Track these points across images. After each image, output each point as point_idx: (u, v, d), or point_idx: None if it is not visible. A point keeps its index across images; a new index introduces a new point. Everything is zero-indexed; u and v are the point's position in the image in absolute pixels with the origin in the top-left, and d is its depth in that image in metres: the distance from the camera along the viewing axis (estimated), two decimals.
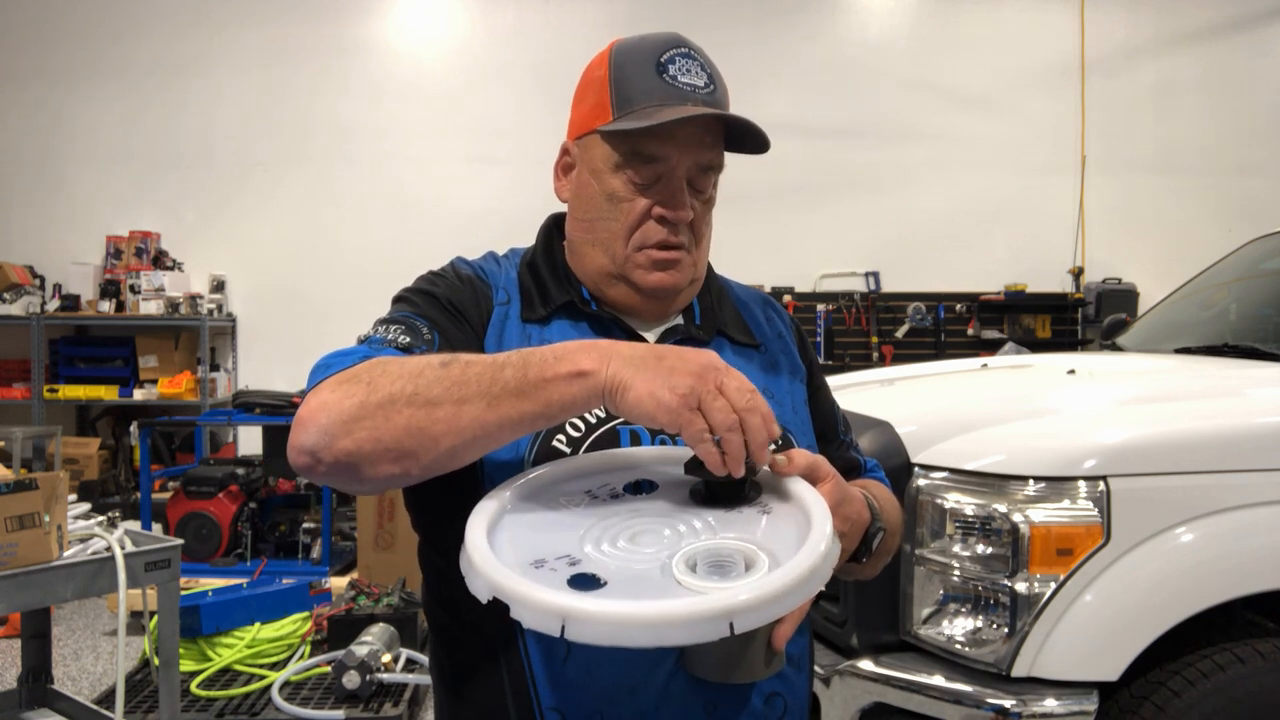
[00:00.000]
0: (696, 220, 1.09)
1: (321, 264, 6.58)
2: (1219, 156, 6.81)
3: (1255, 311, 3.01)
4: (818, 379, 1.26)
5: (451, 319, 1.05)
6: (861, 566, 1.06)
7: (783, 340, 1.23)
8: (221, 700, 2.98)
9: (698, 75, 1.07)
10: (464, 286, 1.10)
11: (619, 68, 1.08)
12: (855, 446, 1.28)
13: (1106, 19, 6.81)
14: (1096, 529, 1.72)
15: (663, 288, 1.09)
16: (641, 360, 0.85)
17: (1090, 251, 6.84)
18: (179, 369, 6.21)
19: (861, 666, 1.89)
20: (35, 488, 2.04)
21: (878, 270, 6.75)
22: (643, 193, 1.07)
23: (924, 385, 2.72)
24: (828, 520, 0.82)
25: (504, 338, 1.08)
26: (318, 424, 0.86)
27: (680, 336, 1.12)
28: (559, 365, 0.86)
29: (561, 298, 1.12)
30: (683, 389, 0.83)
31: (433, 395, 0.85)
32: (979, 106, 6.75)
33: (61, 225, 6.57)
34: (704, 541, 0.82)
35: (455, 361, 0.88)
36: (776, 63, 6.73)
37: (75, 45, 6.57)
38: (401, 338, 0.99)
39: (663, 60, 1.06)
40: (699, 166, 1.07)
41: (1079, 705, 1.69)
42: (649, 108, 1.03)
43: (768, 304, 1.28)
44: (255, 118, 6.61)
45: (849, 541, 0.97)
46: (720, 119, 1.06)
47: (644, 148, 1.05)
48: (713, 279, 1.22)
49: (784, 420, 1.11)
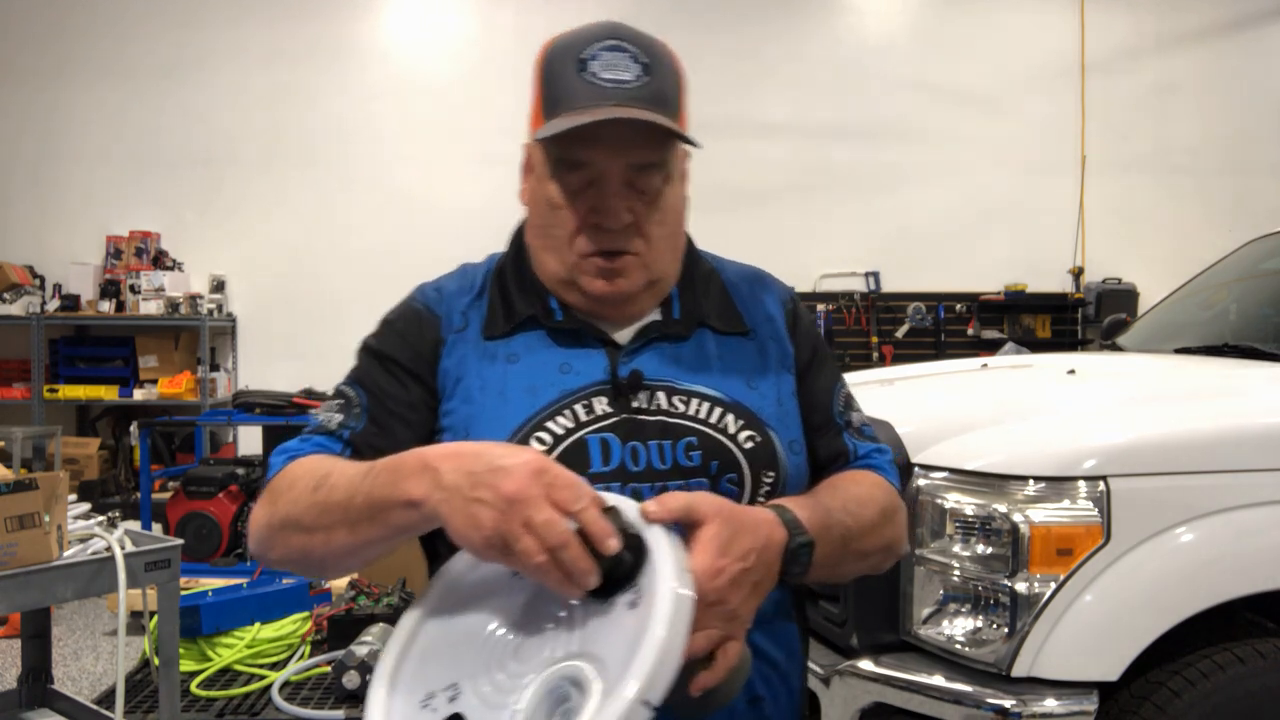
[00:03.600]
0: (641, 221, 1.03)
1: (322, 264, 6.57)
2: (1219, 156, 6.80)
3: (1255, 311, 3.01)
4: (815, 359, 1.18)
5: (390, 376, 1.07)
6: (828, 573, 1.02)
7: (772, 324, 1.16)
8: (221, 700, 2.98)
9: (625, 69, 1.00)
10: (407, 333, 1.10)
11: (548, 66, 1.03)
12: (855, 428, 1.18)
13: (1107, 19, 6.81)
14: (1096, 529, 1.72)
15: (608, 296, 1.05)
16: (455, 490, 0.83)
17: (1090, 251, 6.84)
18: (179, 369, 6.21)
19: (861, 666, 1.89)
20: (35, 488, 2.04)
21: (878, 270, 6.75)
22: (576, 199, 1.03)
23: (924, 385, 2.72)
24: (663, 622, 0.78)
25: (464, 365, 1.07)
26: (251, 536, 1.01)
27: (655, 335, 1.09)
28: (395, 492, 0.87)
29: (526, 310, 1.09)
30: (487, 529, 0.81)
31: (307, 523, 0.94)
32: (979, 106, 6.75)
33: (61, 225, 6.57)
34: (548, 671, 0.82)
35: (323, 485, 0.94)
36: (777, 62, 6.73)
37: (75, 45, 6.57)
38: (335, 417, 1.06)
39: (584, 57, 1.00)
40: (633, 167, 1.01)
41: (1079, 705, 1.69)
42: (572, 111, 0.98)
43: (760, 283, 1.21)
44: (256, 118, 6.61)
45: (764, 568, 0.91)
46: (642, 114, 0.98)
47: (569, 154, 1.01)
48: (698, 264, 1.17)
49: (766, 416, 1.08)
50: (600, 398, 1.04)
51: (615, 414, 1.04)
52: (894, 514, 1.11)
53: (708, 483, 1.03)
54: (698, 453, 1.03)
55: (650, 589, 0.81)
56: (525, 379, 1.05)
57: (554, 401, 1.03)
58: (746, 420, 1.06)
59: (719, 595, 0.86)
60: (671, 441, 1.03)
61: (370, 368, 1.09)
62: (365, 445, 1.04)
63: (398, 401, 1.06)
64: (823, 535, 0.98)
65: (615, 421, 1.03)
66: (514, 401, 1.04)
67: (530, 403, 1.03)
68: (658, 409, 1.05)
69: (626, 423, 1.03)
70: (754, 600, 0.91)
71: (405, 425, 1.06)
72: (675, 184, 1.08)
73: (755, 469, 1.05)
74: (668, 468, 1.02)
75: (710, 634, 0.86)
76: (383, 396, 1.06)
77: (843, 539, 1.02)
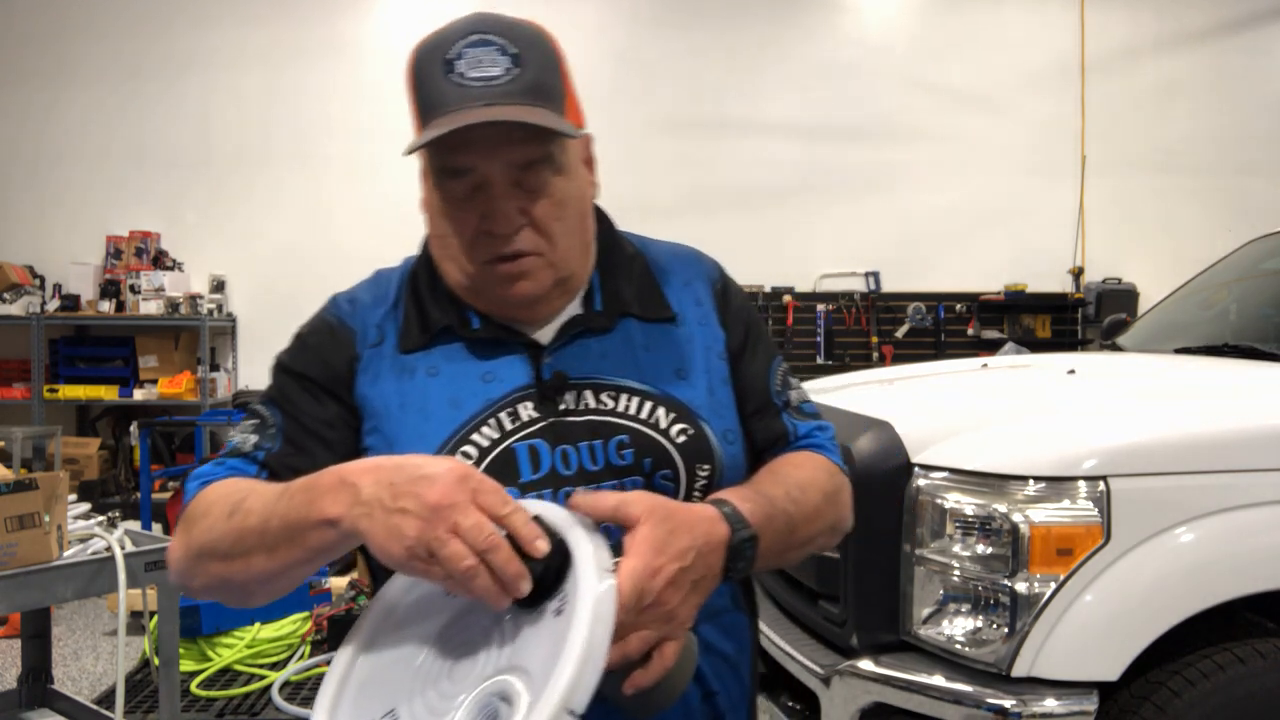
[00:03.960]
0: (538, 220, 0.98)
1: (322, 264, 6.56)
2: (1219, 156, 6.80)
3: (1255, 311, 3.01)
4: (748, 340, 1.13)
5: (305, 394, 1.04)
6: (774, 562, 1.00)
7: (701, 309, 1.11)
8: (221, 700, 2.98)
9: (492, 64, 0.94)
10: (321, 349, 1.06)
11: (417, 71, 0.98)
12: (795, 406, 1.15)
13: (1106, 19, 6.81)
14: (1096, 529, 1.72)
15: (515, 300, 1.01)
16: (376, 503, 0.80)
17: (1090, 251, 6.84)
18: (179, 369, 6.21)
19: (861, 666, 1.89)
20: (35, 488, 2.04)
21: (878, 270, 6.75)
22: (465, 206, 0.98)
23: (924, 385, 2.72)
24: (579, 641, 0.76)
25: (380, 381, 1.04)
26: (170, 567, 0.99)
27: (578, 330, 1.05)
28: (311, 512, 0.84)
29: (443, 320, 1.05)
30: (410, 538, 0.77)
31: (224, 550, 0.91)
32: (979, 106, 6.75)
33: (61, 225, 6.57)
34: (479, 689, 0.81)
35: (238, 511, 0.91)
36: (777, 62, 6.73)
37: (75, 45, 6.57)
38: (250, 438, 1.04)
39: (450, 57, 0.95)
40: (515, 166, 0.96)
41: (1079, 705, 1.69)
42: (443, 116, 0.94)
43: (686, 263, 1.15)
44: (256, 118, 6.61)
45: (704, 567, 0.88)
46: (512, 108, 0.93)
47: (447, 162, 0.96)
48: (619, 250, 1.12)
49: (698, 407, 1.04)
50: (526, 403, 1.01)
51: (542, 418, 1.01)
52: (836, 494, 1.09)
53: (642, 481, 1.00)
54: (630, 450, 1.00)
55: (573, 594, 0.80)
56: (447, 392, 1.02)
57: (478, 413, 1.00)
58: (678, 413, 1.03)
59: (655, 596, 0.83)
60: (602, 441, 1.00)
61: (285, 385, 1.06)
62: (281, 467, 1.01)
63: (314, 420, 1.03)
64: (766, 527, 0.95)
65: (543, 426, 1.00)
66: (437, 417, 1.01)
67: (454, 417, 1.00)
68: (586, 408, 1.02)
69: (555, 426, 1.00)
70: (694, 599, 0.88)
71: (323, 445, 1.03)
72: (571, 173, 1.01)
73: (690, 463, 1.02)
74: (600, 469, 1.00)
75: (645, 635, 0.84)
76: (298, 415, 1.03)
77: (787, 528, 0.99)
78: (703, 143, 6.65)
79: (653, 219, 5.10)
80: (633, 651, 0.83)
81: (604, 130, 4.53)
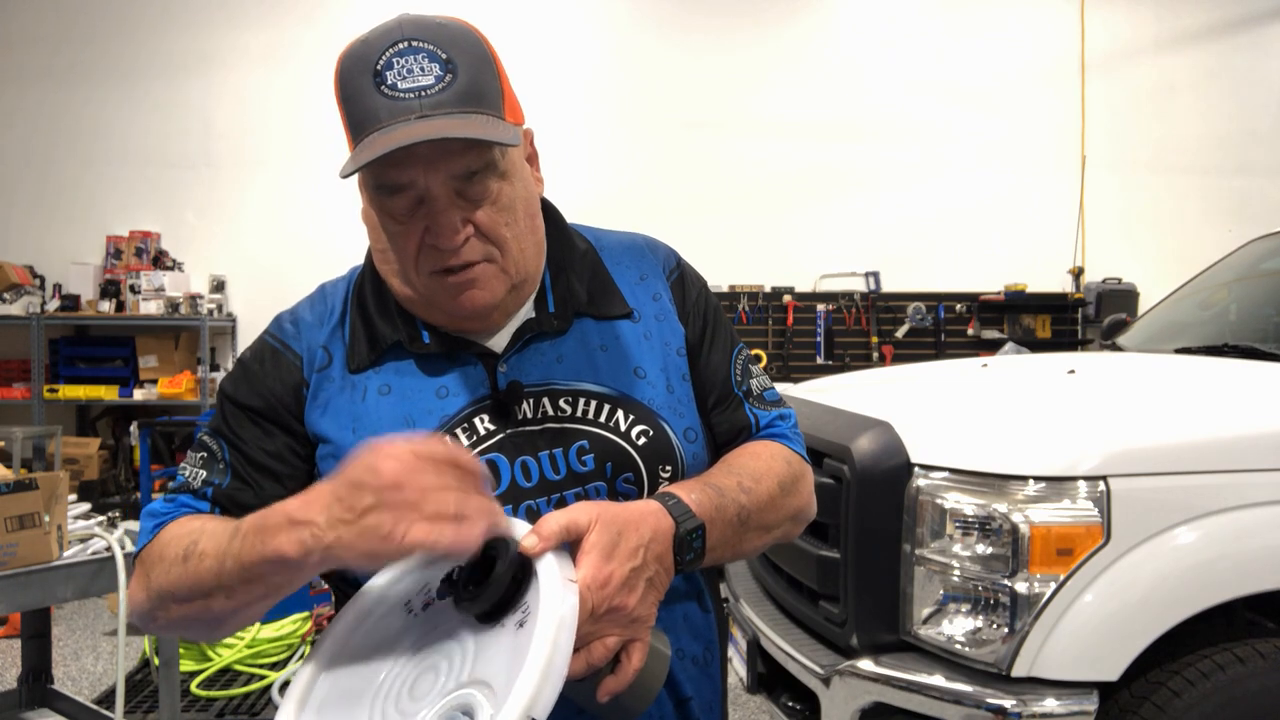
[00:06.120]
0: (489, 228, 0.95)
1: (322, 264, 6.53)
2: (1219, 156, 6.80)
3: (1255, 311, 3.01)
4: (706, 331, 1.11)
5: (252, 425, 1.01)
6: (730, 552, 0.98)
7: (658, 303, 1.09)
8: (221, 700, 2.98)
9: (423, 73, 0.90)
10: (265, 377, 1.03)
11: (344, 84, 0.93)
12: (757, 396, 1.13)
13: (1107, 18, 6.81)
14: (1096, 529, 1.72)
15: (468, 312, 0.98)
16: (340, 522, 0.78)
17: (1090, 251, 6.84)
18: (179, 369, 6.21)
19: (861, 666, 1.89)
20: (35, 488, 2.04)
21: (878, 270, 6.74)
22: (409, 220, 0.94)
23: (924, 385, 2.72)
24: (544, 645, 0.76)
25: (330, 406, 1.01)
26: (131, 611, 0.98)
27: (532, 334, 1.02)
28: (265, 551, 0.82)
29: (392, 336, 1.02)
30: (387, 529, 0.76)
31: (182, 594, 0.91)
32: (979, 105, 6.75)
33: (61, 225, 6.57)
34: (441, 703, 0.81)
35: (191, 555, 0.90)
36: (776, 62, 6.73)
37: (76, 45, 6.57)
38: (200, 473, 1.01)
39: (379, 68, 0.90)
40: (456, 178, 0.92)
41: (1079, 705, 1.69)
42: (377, 132, 0.90)
43: (643, 257, 1.12)
44: (255, 118, 6.61)
45: (655, 561, 0.88)
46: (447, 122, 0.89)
47: (384, 179, 0.92)
48: (570, 248, 1.08)
49: (657, 406, 1.03)
50: (482, 415, 0.99)
51: (499, 430, 0.98)
52: (795, 483, 1.06)
53: (605, 486, 0.99)
54: (590, 456, 0.99)
55: (535, 605, 0.80)
56: (400, 410, 0.99)
57: (433, 431, 0.97)
58: (637, 414, 1.01)
59: (612, 601, 0.83)
60: (563, 449, 0.99)
61: (231, 416, 1.02)
62: (230, 503, 0.98)
63: (261, 453, 1.00)
64: (716, 517, 0.94)
65: (500, 439, 0.98)
66: None
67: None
68: (544, 416, 1.00)
69: (513, 438, 0.98)
70: (651, 596, 0.87)
71: (271, 478, 1.00)
72: (514, 176, 0.97)
73: (651, 465, 1.00)
74: (561, 477, 0.98)
75: (608, 641, 0.84)
76: (244, 449, 1.00)
77: (739, 518, 0.97)
78: (703, 142, 6.65)
79: (653, 218, 5.10)
80: (598, 659, 0.83)
81: (604, 130, 4.60)
